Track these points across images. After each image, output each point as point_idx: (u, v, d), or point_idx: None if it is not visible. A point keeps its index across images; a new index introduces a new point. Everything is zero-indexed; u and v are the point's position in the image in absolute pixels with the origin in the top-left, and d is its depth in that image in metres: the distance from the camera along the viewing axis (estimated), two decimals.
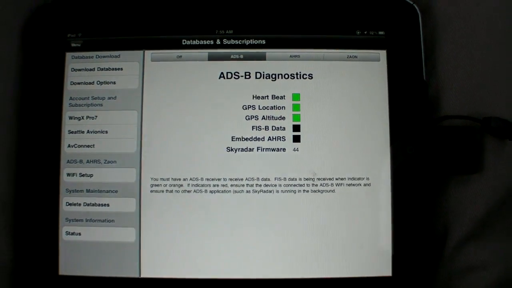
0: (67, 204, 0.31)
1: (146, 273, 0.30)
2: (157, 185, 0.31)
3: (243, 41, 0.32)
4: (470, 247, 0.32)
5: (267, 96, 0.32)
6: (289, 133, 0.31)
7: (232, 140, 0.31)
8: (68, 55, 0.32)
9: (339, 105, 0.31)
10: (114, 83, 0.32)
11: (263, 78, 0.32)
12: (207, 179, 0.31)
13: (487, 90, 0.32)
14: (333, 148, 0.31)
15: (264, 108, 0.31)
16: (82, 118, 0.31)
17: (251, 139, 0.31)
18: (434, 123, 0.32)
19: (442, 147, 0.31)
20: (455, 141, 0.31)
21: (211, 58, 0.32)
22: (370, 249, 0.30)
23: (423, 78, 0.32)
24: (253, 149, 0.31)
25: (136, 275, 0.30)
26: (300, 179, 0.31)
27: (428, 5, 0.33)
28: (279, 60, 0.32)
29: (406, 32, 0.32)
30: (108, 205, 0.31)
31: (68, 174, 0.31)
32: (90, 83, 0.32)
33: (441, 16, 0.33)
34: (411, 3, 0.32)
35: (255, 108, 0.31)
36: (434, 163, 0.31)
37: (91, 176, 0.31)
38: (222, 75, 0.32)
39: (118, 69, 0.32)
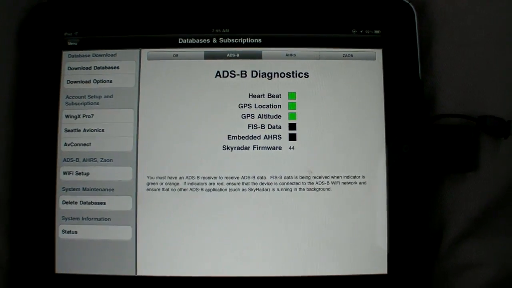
0: (64, 202, 0.31)
1: (142, 271, 0.30)
2: (153, 184, 0.31)
3: (239, 39, 0.32)
4: (465, 245, 0.32)
5: (263, 94, 0.32)
6: (285, 132, 0.31)
7: (228, 139, 0.31)
8: (65, 53, 0.32)
9: (335, 103, 0.31)
10: (111, 81, 0.32)
11: (259, 76, 0.32)
12: (203, 178, 0.31)
13: (483, 89, 0.32)
14: (329, 147, 0.31)
15: (260, 106, 0.31)
16: (79, 116, 0.31)
17: (247, 137, 0.31)
18: (429, 122, 0.32)
19: (437, 146, 0.31)
20: (450, 139, 0.31)
21: (208, 56, 0.32)
22: (366, 247, 0.30)
23: (418, 77, 0.32)
24: (249, 147, 0.31)
25: (132, 273, 0.30)
26: (296, 177, 0.31)
27: (424, 4, 0.33)
28: (275, 58, 0.32)
29: (402, 31, 0.32)
30: (104, 203, 0.31)
31: (65, 173, 0.31)
32: (86, 82, 0.32)
33: (437, 15, 0.33)
34: (407, 2, 0.32)
35: (251, 107, 0.31)
36: (430, 161, 0.31)
37: (87, 175, 0.31)
38: (218, 74, 0.32)
39: (115, 67, 0.32)
